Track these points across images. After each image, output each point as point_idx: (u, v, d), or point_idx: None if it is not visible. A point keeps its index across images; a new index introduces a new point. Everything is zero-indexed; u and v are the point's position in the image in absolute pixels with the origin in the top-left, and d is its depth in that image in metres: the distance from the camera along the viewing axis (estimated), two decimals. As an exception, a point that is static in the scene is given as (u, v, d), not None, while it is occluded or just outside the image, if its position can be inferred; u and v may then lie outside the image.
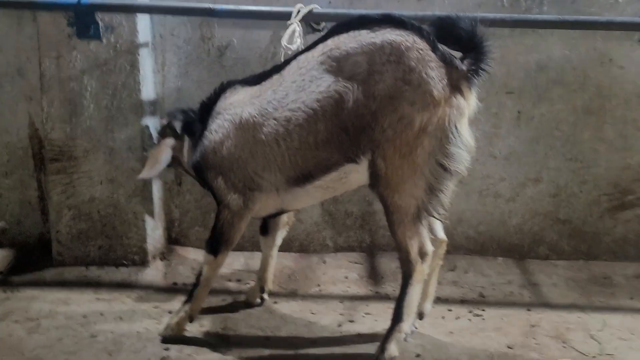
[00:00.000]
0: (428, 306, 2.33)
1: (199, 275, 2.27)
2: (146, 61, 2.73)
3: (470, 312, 2.50)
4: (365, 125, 1.92)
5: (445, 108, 1.88)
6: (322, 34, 2.14)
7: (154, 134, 2.63)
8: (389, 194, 1.98)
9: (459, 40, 1.91)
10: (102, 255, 2.85)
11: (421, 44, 1.88)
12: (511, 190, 2.93)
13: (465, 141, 1.92)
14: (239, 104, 2.12)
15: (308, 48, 2.04)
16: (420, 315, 2.32)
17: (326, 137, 1.96)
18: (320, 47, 1.99)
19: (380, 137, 1.92)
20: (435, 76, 1.87)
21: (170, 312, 2.45)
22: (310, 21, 2.57)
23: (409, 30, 1.90)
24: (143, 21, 2.67)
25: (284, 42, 2.29)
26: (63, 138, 2.73)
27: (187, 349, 2.21)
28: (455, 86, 1.89)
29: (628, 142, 2.88)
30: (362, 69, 1.89)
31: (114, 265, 2.86)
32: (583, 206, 2.95)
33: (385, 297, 2.67)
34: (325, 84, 1.93)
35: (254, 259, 2.89)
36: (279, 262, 2.69)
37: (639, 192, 2.92)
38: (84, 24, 2.58)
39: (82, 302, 2.56)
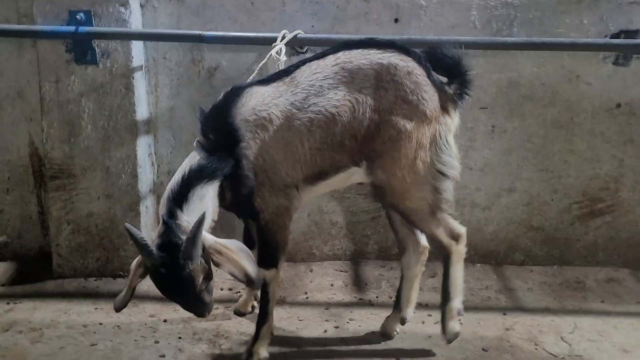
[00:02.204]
0: (410, 312, 2.48)
1: (265, 293, 2.26)
2: (140, 83, 2.85)
3: None
4: (369, 134, 2.13)
5: (436, 125, 2.13)
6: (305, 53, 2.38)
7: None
8: (398, 201, 2.19)
9: (446, 67, 2.18)
10: (100, 267, 2.97)
11: (419, 69, 2.13)
12: (487, 200, 3.08)
13: (454, 152, 2.18)
14: (263, 107, 2.10)
15: (317, 57, 2.18)
16: (402, 321, 2.48)
17: (340, 141, 2.13)
18: (331, 58, 2.15)
19: (380, 148, 2.13)
20: (429, 98, 2.12)
21: (165, 321, 2.60)
22: (294, 45, 2.72)
23: (410, 56, 2.15)
24: (137, 46, 2.79)
25: (273, 52, 2.41)
26: (62, 157, 2.85)
27: (182, 356, 2.34)
28: (444, 107, 2.16)
29: (596, 154, 3.03)
30: (370, 83, 2.11)
31: (112, 277, 2.98)
32: (555, 214, 3.11)
33: (368, 304, 2.81)
34: (341, 93, 2.10)
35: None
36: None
37: (607, 200, 3.08)
38: (82, 50, 2.69)
39: (82, 312, 2.67)
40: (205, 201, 2.02)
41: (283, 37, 2.53)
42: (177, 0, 2.84)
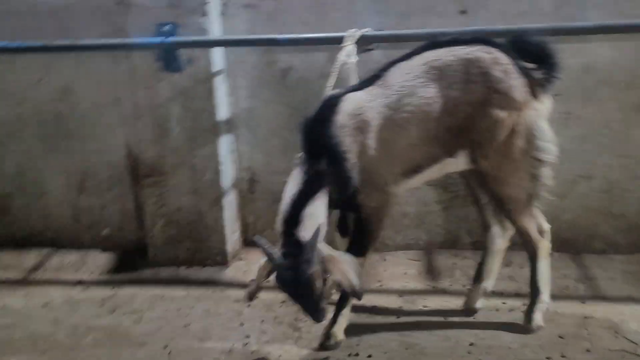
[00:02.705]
0: (492, 283, 2.61)
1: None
2: (221, 86, 3.07)
3: (524, 305, 2.59)
4: (463, 126, 2.23)
5: (528, 111, 2.21)
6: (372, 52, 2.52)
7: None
8: (499, 188, 2.30)
9: (531, 54, 2.24)
10: (189, 257, 3.21)
11: (505, 59, 2.21)
12: (563, 187, 3.01)
13: (549, 136, 2.25)
14: (358, 111, 2.20)
15: (403, 58, 2.28)
16: (485, 292, 2.60)
17: (434, 135, 2.24)
18: (418, 58, 2.25)
19: (478, 138, 2.23)
20: (518, 85, 2.20)
21: (249, 306, 2.79)
22: (362, 44, 2.81)
23: (495, 47, 2.23)
24: (217, 53, 3.00)
25: (342, 56, 2.51)
26: (154, 156, 3.11)
27: (265, 337, 2.52)
28: (534, 93, 2.23)
29: (680, 137, 2.90)
30: (459, 78, 2.20)
31: (200, 265, 3.21)
32: (637, 200, 3.00)
33: (441, 291, 2.86)
34: (433, 90, 2.21)
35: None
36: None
37: (695, 186, 2.94)
38: (169, 59, 2.92)
39: (175, 297, 2.92)
40: (317, 214, 2.14)
41: (351, 36, 2.64)
42: (252, 8, 3.02)
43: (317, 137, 2.19)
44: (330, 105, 2.22)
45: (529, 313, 2.46)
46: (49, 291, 3.06)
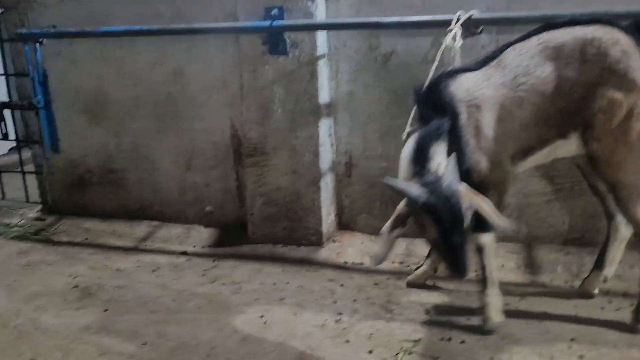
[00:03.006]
0: (612, 271, 2.57)
1: (482, 259, 2.36)
2: (323, 70, 3.13)
3: (631, 305, 2.46)
4: (577, 107, 2.19)
5: None
6: (480, 36, 2.49)
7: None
8: (612, 173, 2.23)
9: None
10: (286, 235, 3.32)
11: (625, 39, 2.13)
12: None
13: None
14: (476, 88, 2.21)
15: (519, 39, 2.26)
16: (605, 279, 2.58)
17: (548, 115, 2.22)
18: (534, 39, 2.23)
19: (591, 119, 2.18)
20: (638, 67, 2.12)
21: (342, 286, 2.85)
22: (469, 26, 2.76)
23: (615, 28, 2.16)
24: (321, 37, 3.07)
25: (448, 40, 2.50)
26: (257, 137, 3.25)
27: (357, 315, 2.56)
28: None
29: None
30: (575, 58, 2.16)
31: (296, 244, 3.31)
32: None
33: (541, 286, 2.77)
34: (548, 69, 2.18)
35: (415, 245, 3.17)
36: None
37: None
38: (275, 42, 3.04)
39: (272, 272, 3.04)
40: (443, 153, 2.12)
41: (458, 19, 2.60)
42: (356, -8, 3.07)
43: (437, 102, 2.19)
44: (449, 78, 2.24)
45: (637, 312, 2.33)
46: (157, 259, 3.30)
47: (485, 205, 2.05)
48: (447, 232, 1.98)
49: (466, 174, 2.17)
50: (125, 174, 3.79)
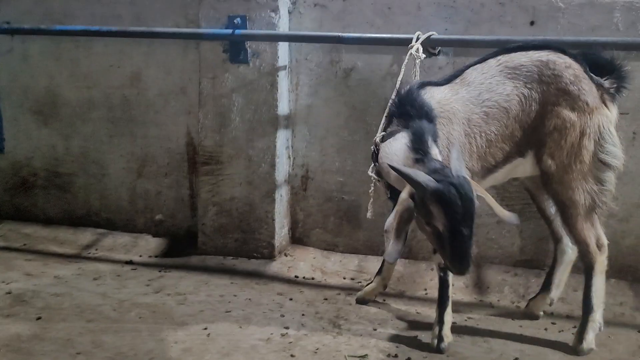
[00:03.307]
0: (558, 294, 2.62)
1: (443, 279, 2.38)
2: (283, 81, 3.13)
3: (574, 327, 2.50)
4: (534, 125, 2.27)
5: (598, 116, 2.24)
6: (438, 58, 2.59)
7: None
8: (562, 191, 2.29)
9: (600, 66, 2.29)
10: (237, 247, 3.25)
11: (575, 65, 2.26)
12: (625, 211, 2.89)
13: (617, 141, 2.27)
14: (446, 102, 2.27)
15: (477, 62, 2.36)
16: (551, 302, 2.62)
17: (511, 132, 2.30)
18: (493, 60, 2.33)
19: (547, 138, 2.26)
20: (588, 89, 2.24)
21: (291, 299, 2.80)
22: (427, 46, 2.82)
23: (566, 54, 2.28)
24: (283, 48, 3.08)
25: (413, 51, 2.56)
26: (213, 145, 3.20)
27: (304, 330, 2.50)
28: (602, 100, 2.26)
29: None
30: (533, 78, 2.26)
31: (247, 257, 3.24)
32: None
33: (488, 306, 2.79)
34: (509, 88, 2.27)
35: (367, 261, 3.16)
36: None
37: None
38: (236, 51, 3.03)
39: (220, 284, 2.96)
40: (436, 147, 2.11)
41: (417, 38, 2.65)
42: (320, 7, 3.09)
43: (416, 104, 2.19)
44: (420, 89, 2.26)
45: (580, 333, 2.36)
46: (100, 267, 3.17)
47: (491, 197, 2.04)
48: (457, 222, 1.86)
49: None
50: (73, 178, 3.66)
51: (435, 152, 2.10)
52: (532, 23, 2.85)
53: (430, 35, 2.67)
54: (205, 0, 3.06)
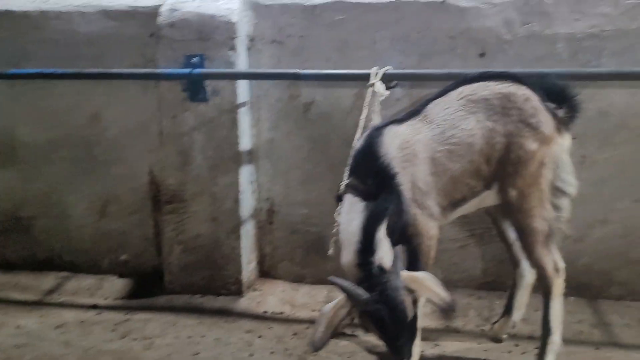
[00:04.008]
0: (520, 316, 2.68)
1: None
2: (244, 118, 3.15)
3: (536, 348, 2.54)
4: (500, 158, 2.32)
5: (554, 145, 2.32)
6: (394, 90, 2.66)
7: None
8: (523, 218, 2.35)
9: (553, 95, 2.37)
10: (205, 285, 3.22)
11: (534, 96, 2.32)
12: (578, 231, 2.99)
13: (570, 169, 2.37)
14: (407, 145, 2.27)
15: (438, 95, 2.38)
16: (513, 325, 2.68)
17: (477, 167, 2.33)
18: (454, 93, 2.35)
19: (510, 169, 2.31)
20: (546, 120, 2.31)
21: (260, 337, 2.79)
22: (384, 81, 2.90)
23: (524, 85, 2.35)
24: (242, 85, 3.10)
25: (376, 89, 2.60)
26: (176, 184, 3.18)
27: (274, 367, 2.53)
28: (557, 129, 2.35)
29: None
30: (495, 111, 2.31)
31: (215, 294, 3.20)
32: (657, 247, 2.97)
33: (454, 330, 2.84)
34: (472, 122, 2.30)
35: (336, 292, 3.14)
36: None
37: None
38: (195, 90, 3.03)
39: (188, 325, 2.92)
40: (384, 239, 2.14)
41: (376, 74, 2.70)
42: (277, 44, 3.14)
43: (371, 170, 2.21)
44: (378, 136, 2.27)
45: (540, 355, 2.43)
46: (64, 314, 3.09)
47: (429, 285, 2.07)
48: (389, 335, 2.05)
49: (402, 228, 2.22)
50: (34, 221, 3.58)
51: (383, 250, 2.10)
52: (482, 55, 2.96)
53: (387, 70, 2.74)
54: (162, 40, 3.07)
